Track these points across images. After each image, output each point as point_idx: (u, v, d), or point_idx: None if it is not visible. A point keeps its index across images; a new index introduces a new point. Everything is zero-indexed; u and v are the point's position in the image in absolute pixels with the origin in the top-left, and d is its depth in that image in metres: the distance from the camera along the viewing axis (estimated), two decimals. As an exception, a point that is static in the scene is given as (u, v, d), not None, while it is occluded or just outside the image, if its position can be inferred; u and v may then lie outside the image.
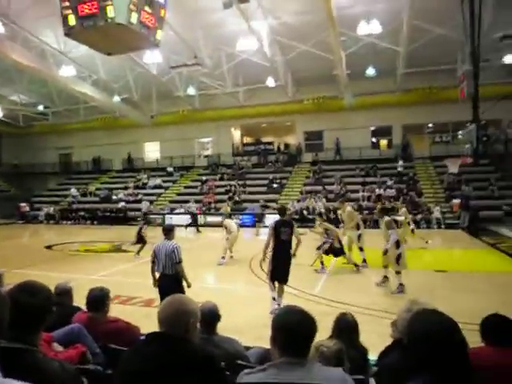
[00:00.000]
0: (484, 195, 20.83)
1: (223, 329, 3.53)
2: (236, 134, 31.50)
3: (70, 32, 6.78)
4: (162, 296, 5.28)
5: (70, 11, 6.57)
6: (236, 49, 20.38)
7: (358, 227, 10.64)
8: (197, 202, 24.59)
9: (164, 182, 28.72)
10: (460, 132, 18.04)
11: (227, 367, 2.29)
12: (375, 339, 3.27)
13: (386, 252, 8.27)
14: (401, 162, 24.60)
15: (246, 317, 6.48)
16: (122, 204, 25.73)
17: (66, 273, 9.69)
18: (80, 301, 3.62)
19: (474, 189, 21.06)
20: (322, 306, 7.01)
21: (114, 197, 27.40)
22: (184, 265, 5.70)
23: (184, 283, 5.69)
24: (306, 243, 13.71)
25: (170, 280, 5.55)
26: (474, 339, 2.13)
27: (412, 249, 12.28)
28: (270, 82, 23.89)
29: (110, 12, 6.39)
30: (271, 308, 6.58)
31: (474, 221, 18.35)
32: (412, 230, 14.22)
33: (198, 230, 20.27)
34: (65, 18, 6.68)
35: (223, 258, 11.54)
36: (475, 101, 13.92)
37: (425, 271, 9.97)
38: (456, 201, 20.09)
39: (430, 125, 26.92)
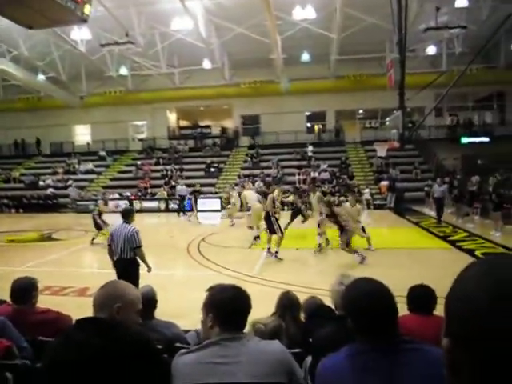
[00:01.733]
0: (409, 178, 22.36)
1: (162, 314, 3.49)
2: (172, 117, 30.72)
3: (-17, 0, 6.11)
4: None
5: (-18, -23, 5.91)
6: (170, 28, 19.74)
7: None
8: (132, 187, 23.82)
9: (96, 166, 27.35)
10: (388, 118, 19.03)
11: (165, 351, 2.27)
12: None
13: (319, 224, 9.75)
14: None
15: (185, 301, 6.44)
16: (50, 190, 24.18)
17: (-12, 265, 8.98)
18: (4, 294, 3.37)
19: (399, 172, 22.51)
20: (261, 286, 7.16)
21: (42, 183, 25.65)
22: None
23: (143, 267, 5.76)
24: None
25: (127, 264, 5.55)
26: (401, 310, 2.29)
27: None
28: (207, 64, 23.50)
29: (30, -19, 5.84)
30: None
31: (399, 201, 19.68)
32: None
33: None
34: (-24, -15, 6.00)
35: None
36: (401, 88, 14.70)
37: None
38: (384, 183, 21.32)
39: (361, 111, 28.16)
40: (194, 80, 26.11)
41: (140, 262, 5.73)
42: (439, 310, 2.93)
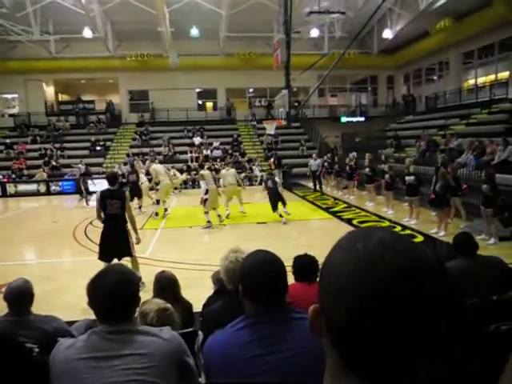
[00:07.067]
0: (296, 154, 23.69)
1: (48, 306, 3.27)
2: (49, 91, 27.76)
3: None
4: None
5: None
6: (42, -11, 17.64)
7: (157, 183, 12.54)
8: (4, 168, 21.22)
9: (-44, 145, 23.68)
10: (276, 97, 19.71)
11: (47, 347, 2.14)
12: (207, 293, 3.45)
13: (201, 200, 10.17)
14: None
15: (74, 290, 6.08)
16: None
17: None
18: None
19: (287, 149, 23.75)
20: (155, 267, 7.06)
21: None
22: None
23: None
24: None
25: None
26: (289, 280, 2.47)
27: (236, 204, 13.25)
28: (87, 32, 21.57)
29: None
30: None
31: (286, 177, 20.80)
32: None
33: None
34: None
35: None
36: (287, 69, 15.34)
37: (249, 224, 10.95)
38: (271, 160, 22.28)
39: (251, 89, 28.73)
40: (73, 50, 23.83)
41: None
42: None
